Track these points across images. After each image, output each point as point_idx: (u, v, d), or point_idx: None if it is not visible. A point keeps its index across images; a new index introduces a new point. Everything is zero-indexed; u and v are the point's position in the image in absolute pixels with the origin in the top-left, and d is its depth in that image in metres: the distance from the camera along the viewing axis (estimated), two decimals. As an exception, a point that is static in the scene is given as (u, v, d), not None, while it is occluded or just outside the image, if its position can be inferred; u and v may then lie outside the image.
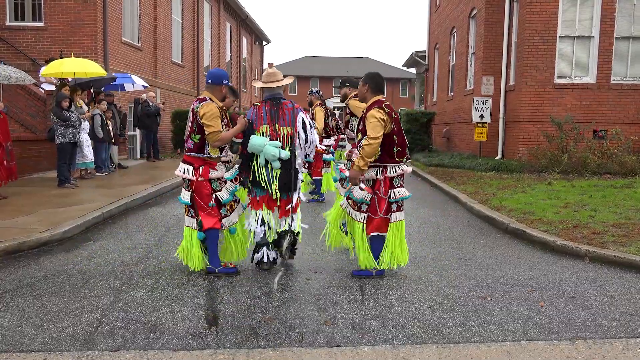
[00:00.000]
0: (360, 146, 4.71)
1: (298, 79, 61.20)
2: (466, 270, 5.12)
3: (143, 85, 14.19)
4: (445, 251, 5.84)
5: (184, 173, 4.74)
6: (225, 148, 4.97)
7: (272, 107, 4.88)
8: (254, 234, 4.95)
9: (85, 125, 10.65)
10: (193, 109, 4.73)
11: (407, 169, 4.86)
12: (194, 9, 21.87)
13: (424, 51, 24.75)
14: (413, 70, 29.59)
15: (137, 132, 15.95)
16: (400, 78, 56.50)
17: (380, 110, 4.63)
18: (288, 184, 4.83)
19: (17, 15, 14.26)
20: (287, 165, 4.80)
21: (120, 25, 15.41)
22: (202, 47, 23.12)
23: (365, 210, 4.77)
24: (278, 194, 4.83)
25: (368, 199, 4.75)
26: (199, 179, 4.69)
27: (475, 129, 14.32)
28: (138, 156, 15.91)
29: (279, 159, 4.74)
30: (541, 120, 12.84)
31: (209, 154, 4.73)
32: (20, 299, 4.17)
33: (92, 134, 10.93)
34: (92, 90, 11.69)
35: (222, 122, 4.74)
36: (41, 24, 14.07)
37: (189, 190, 4.75)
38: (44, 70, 11.56)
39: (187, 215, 4.85)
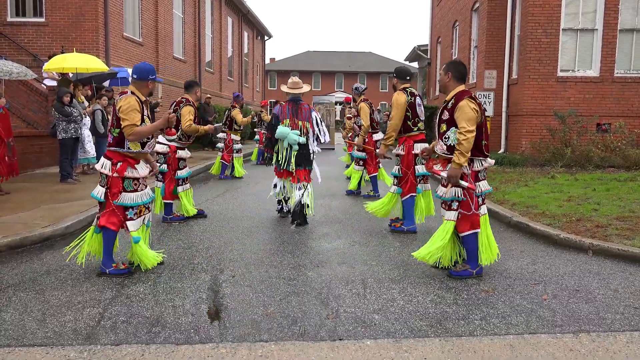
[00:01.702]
0: (446, 137, 4.52)
1: (300, 73, 61.04)
2: (469, 263, 5.09)
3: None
4: (448, 245, 5.82)
5: (102, 167, 4.60)
6: (150, 143, 4.78)
7: (293, 107, 6.72)
8: (278, 191, 7.00)
9: (87, 120, 10.64)
10: (114, 103, 4.67)
11: (491, 161, 4.68)
12: (195, 4, 21.82)
13: (426, 45, 24.66)
14: (415, 64, 29.48)
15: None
16: (403, 72, 56.27)
17: (472, 101, 4.41)
18: (304, 161, 6.70)
19: (18, 11, 14.24)
20: (303, 148, 6.67)
21: (122, 20, 15.38)
22: (204, 42, 23.08)
23: (456, 208, 4.55)
24: (294, 168, 6.64)
25: (460, 195, 4.52)
26: (114, 174, 4.56)
27: (478, 122, 14.27)
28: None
29: (298, 143, 6.57)
30: (544, 113, 12.80)
31: (129, 148, 4.60)
32: (23, 293, 4.18)
33: (94, 129, 10.92)
34: (93, 85, 11.68)
35: (142, 116, 4.63)
36: (42, 20, 14.06)
37: (104, 186, 4.61)
38: (46, 65, 11.56)
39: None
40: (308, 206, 6.67)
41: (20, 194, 8.20)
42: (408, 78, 6.32)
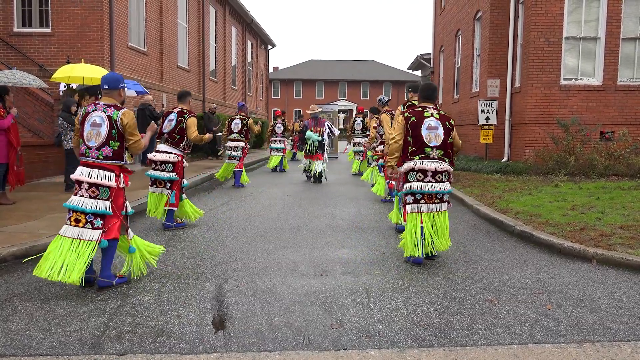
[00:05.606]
0: None
1: (303, 82, 61.23)
2: (473, 273, 5.10)
3: (143, 91, 14.26)
4: (452, 254, 5.83)
5: (102, 179, 4.50)
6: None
7: (315, 120, 12.73)
8: (305, 166, 12.91)
9: (92, 130, 10.71)
10: (110, 116, 4.54)
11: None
12: (199, 14, 21.98)
13: (429, 54, 24.73)
14: (418, 72, 29.56)
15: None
16: (406, 81, 56.52)
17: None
18: (320, 149, 12.45)
19: (25, 22, 14.37)
20: (321, 143, 12.44)
21: (127, 30, 15.50)
22: (208, 51, 23.22)
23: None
24: (316, 152, 12.50)
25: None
26: (120, 185, 4.60)
27: (481, 131, 14.29)
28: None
29: (317, 141, 12.40)
30: (547, 122, 12.80)
31: (125, 160, 4.66)
32: (29, 303, 4.20)
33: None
34: (99, 96, 11.75)
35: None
36: (48, 30, 14.18)
37: (107, 199, 4.50)
38: (54, 74, 11.66)
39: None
40: (322, 173, 12.54)
41: (25, 203, 8.25)
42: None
